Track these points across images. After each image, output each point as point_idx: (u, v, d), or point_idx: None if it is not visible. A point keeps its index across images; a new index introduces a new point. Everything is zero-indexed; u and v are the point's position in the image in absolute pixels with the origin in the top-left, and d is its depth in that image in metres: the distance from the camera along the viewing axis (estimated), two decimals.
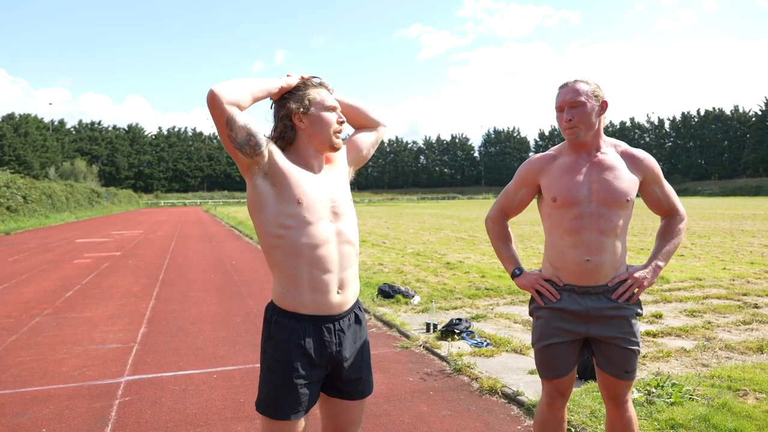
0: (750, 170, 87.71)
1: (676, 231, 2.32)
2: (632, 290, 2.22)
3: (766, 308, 6.31)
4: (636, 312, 2.26)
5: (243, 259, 12.17)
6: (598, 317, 2.22)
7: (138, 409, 3.74)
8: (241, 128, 1.79)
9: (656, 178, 2.28)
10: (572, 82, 2.23)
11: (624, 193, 2.18)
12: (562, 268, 2.26)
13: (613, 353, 2.24)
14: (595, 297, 2.22)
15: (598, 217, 2.17)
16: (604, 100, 2.22)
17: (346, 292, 1.95)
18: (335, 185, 1.98)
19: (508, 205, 2.46)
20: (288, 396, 1.85)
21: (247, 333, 5.68)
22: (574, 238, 2.20)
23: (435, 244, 14.39)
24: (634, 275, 2.23)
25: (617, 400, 2.30)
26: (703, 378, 3.99)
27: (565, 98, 2.20)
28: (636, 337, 2.25)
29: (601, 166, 2.21)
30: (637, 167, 2.24)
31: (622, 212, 2.19)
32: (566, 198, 2.21)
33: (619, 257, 2.23)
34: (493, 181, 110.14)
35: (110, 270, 10.77)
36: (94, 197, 48.75)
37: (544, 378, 2.36)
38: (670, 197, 2.32)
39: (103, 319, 6.42)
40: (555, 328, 2.27)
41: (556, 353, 2.28)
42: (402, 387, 4.07)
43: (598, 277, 2.21)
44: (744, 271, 8.95)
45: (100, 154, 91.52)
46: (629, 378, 2.26)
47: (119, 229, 23.98)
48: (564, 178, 2.24)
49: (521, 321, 5.87)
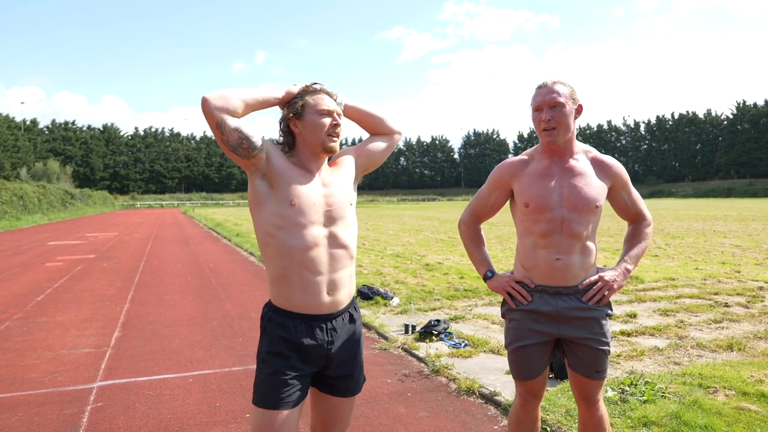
0: (722, 172, 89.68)
1: (643, 235, 2.37)
2: (602, 293, 2.25)
3: (736, 307, 6.45)
4: (606, 313, 2.29)
5: (221, 261, 12.05)
6: (568, 318, 2.24)
7: (110, 415, 3.67)
8: (232, 132, 1.87)
9: (624, 184, 2.32)
10: (551, 83, 2.22)
11: (593, 200, 2.21)
12: (534, 269, 2.28)
13: (584, 354, 2.27)
14: (566, 297, 2.25)
15: (569, 222, 2.21)
16: (579, 104, 2.24)
17: (338, 294, 2.01)
18: (334, 189, 2.03)
19: (481, 208, 2.47)
20: (278, 387, 1.91)
21: (224, 336, 5.62)
22: (546, 241, 2.23)
23: (414, 245, 14.43)
24: (604, 278, 2.26)
25: (589, 399, 2.33)
26: (675, 376, 4.05)
27: (544, 98, 2.19)
28: (606, 337, 2.28)
29: (572, 173, 2.24)
30: (606, 174, 2.28)
31: (592, 217, 2.23)
32: (538, 204, 2.23)
33: (589, 258, 2.27)
34: (472, 182, 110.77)
35: (84, 273, 10.58)
36: (68, 199, 47.80)
37: (517, 379, 2.39)
38: (637, 203, 2.37)
39: (76, 324, 6.30)
40: (527, 330, 2.29)
41: (529, 354, 2.30)
42: (380, 389, 4.06)
43: (568, 277, 2.24)
44: (715, 271, 9.14)
45: (74, 155, 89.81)
46: (600, 378, 2.30)
47: (94, 231, 23.57)
48: (536, 184, 2.26)
49: (499, 322, 5.90)
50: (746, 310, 6.27)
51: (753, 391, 3.66)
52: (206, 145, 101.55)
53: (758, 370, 4.08)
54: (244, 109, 1.90)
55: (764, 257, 10.81)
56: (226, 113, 1.86)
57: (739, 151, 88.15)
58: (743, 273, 8.85)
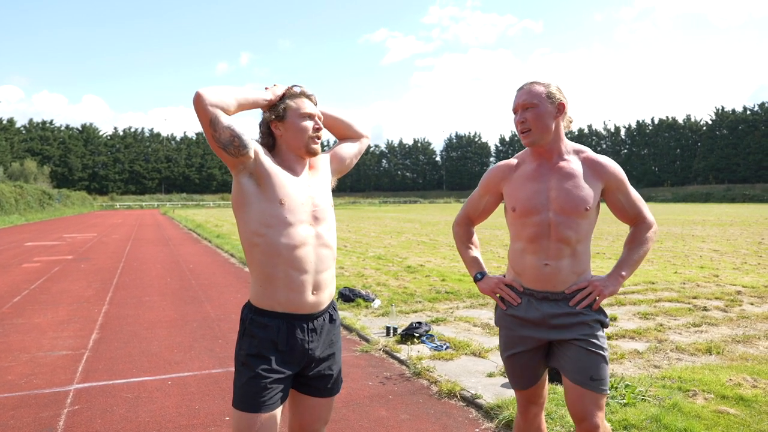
0: (701, 177, 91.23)
1: (642, 239, 2.23)
2: (591, 298, 2.16)
3: (714, 311, 6.54)
4: (598, 320, 2.18)
5: (201, 263, 11.93)
6: (555, 324, 2.16)
7: (88, 417, 3.60)
8: (224, 129, 1.85)
9: (620, 185, 2.20)
10: (528, 84, 2.18)
11: (582, 202, 2.12)
12: (523, 273, 2.23)
13: (576, 357, 2.12)
14: (553, 303, 2.17)
15: (557, 226, 2.13)
16: (560, 102, 2.16)
17: (321, 294, 2.02)
18: (317, 190, 2.05)
19: (473, 211, 2.46)
20: (259, 390, 1.90)
21: (204, 338, 5.55)
22: (534, 245, 2.18)
23: (396, 247, 14.42)
24: (594, 282, 2.17)
25: (585, 422, 2.07)
26: (655, 379, 4.09)
27: (519, 100, 2.17)
28: (599, 340, 2.14)
29: (560, 174, 2.16)
30: (599, 174, 2.17)
31: (582, 221, 2.14)
32: (525, 207, 2.19)
33: (580, 264, 2.18)
34: (454, 185, 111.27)
35: (61, 274, 10.40)
36: (46, 199, 47.01)
37: (514, 388, 2.32)
38: (636, 205, 2.23)
39: (53, 325, 6.18)
40: (517, 337, 2.24)
41: (522, 362, 2.24)
42: (361, 391, 4.04)
43: (556, 282, 2.16)
44: (694, 275, 9.27)
45: (51, 155, 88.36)
46: (594, 387, 2.07)
47: (72, 232, 23.20)
48: (523, 187, 2.21)
49: (480, 324, 5.92)
50: (724, 314, 6.36)
51: (731, 395, 3.70)
52: (186, 145, 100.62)
53: (736, 374, 4.13)
54: (236, 107, 1.91)
55: (741, 262, 11.00)
56: (220, 110, 1.85)
57: (717, 156, 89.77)
58: (721, 277, 8.99)
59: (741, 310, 6.54)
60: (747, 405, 3.54)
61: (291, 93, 2.04)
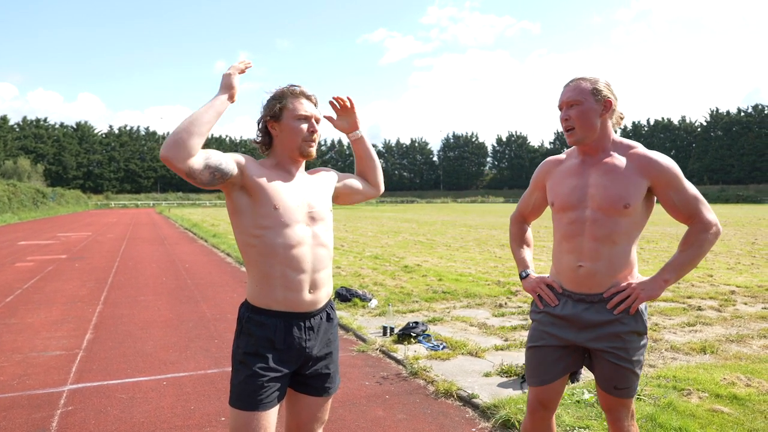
0: (695, 178, 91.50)
1: (694, 241, 2.08)
2: (629, 302, 2.06)
3: (708, 311, 6.56)
4: (634, 331, 2.10)
5: (197, 262, 11.90)
6: (587, 326, 2.12)
7: (81, 418, 3.58)
8: (201, 173, 1.80)
9: (670, 181, 2.04)
10: (574, 81, 2.11)
11: (620, 199, 2.01)
12: (560, 274, 2.21)
13: (602, 366, 2.13)
14: (589, 305, 2.12)
15: (593, 223, 2.06)
16: (607, 99, 2.08)
17: (319, 292, 2.02)
18: (314, 193, 2.06)
19: (525, 207, 2.46)
20: (256, 388, 1.90)
21: (200, 338, 5.53)
22: (570, 244, 2.13)
23: (393, 247, 14.42)
24: (632, 285, 2.08)
25: (610, 415, 2.21)
26: (650, 378, 4.10)
27: (564, 97, 2.11)
28: (628, 354, 2.08)
29: (602, 170, 2.08)
30: (645, 171, 2.04)
31: (621, 219, 2.04)
32: (562, 202, 2.15)
33: (619, 266, 2.08)
34: (451, 185, 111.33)
35: (55, 273, 10.35)
36: (40, 198, 46.80)
37: (529, 384, 2.28)
38: (690, 203, 2.07)
39: (46, 325, 6.14)
40: (544, 332, 2.22)
41: (543, 356, 2.21)
42: (358, 391, 4.03)
43: (591, 284, 2.10)
44: (689, 275, 9.30)
45: (45, 153, 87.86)
46: (619, 395, 2.13)
47: (66, 231, 23.09)
48: (564, 182, 2.17)
49: (477, 324, 5.92)
50: (718, 314, 6.39)
51: (726, 394, 3.71)
52: None
53: (730, 373, 4.15)
54: (201, 136, 1.78)
55: (735, 262, 11.05)
56: (189, 158, 1.74)
57: (711, 157, 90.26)
58: (715, 277, 9.02)
59: (735, 310, 6.57)
60: (741, 404, 3.55)
61: (289, 92, 2.02)
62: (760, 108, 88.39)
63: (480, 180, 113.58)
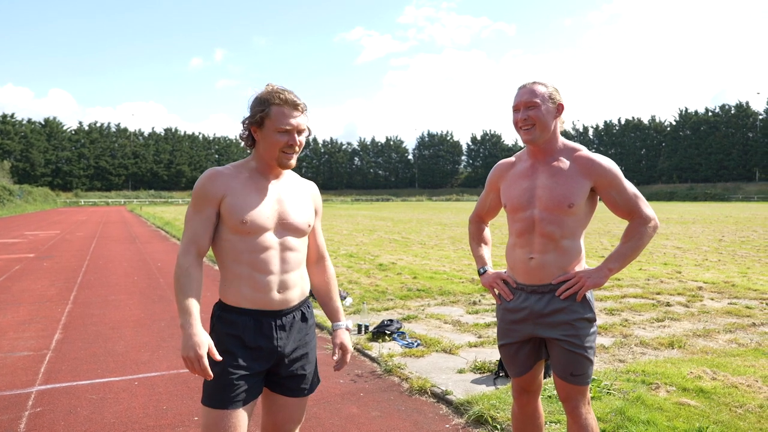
0: (665, 177, 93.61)
1: (635, 234, 2.25)
2: (575, 288, 2.20)
3: (677, 306, 6.72)
4: (585, 318, 2.23)
5: (169, 261, 11.73)
6: (541, 316, 2.25)
7: (50, 420, 3.51)
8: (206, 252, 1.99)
9: (612, 182, 2.20)
10: (530, 84, 2.26)
11: (565, 199, 2.17)
12: (514, 268, 2.35)
13: (558, 354, 2.25)
14: (540, 296, 2.26)
15: (541, 221, 2.22)
16: (560, 103, 2.25)
17: (289, 292, 2.01)
18: (288, 203, 2.02)
19: (481, 209, 2.62)
20: (226, 386, 1.89)
21: (172, 338, 5.46)
22: (522, 239, 2.29)
23: (368, 245, 14.42)
24: (579, 274, 2.22)
25: (568, 404, 2.27)
26: (619, 373, 4.19)
27: (521, 99, 2.24)
28: (581, 341, 2.21)
29: (549, 172, 2.24)
30: (588, 172, 2.20)
31: (566, 217, 2.20)
32: (513, 204, 2.30)
33: (567, 259, 2.23)
34: (426, 183, 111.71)
35: (22, 273, 10.10)
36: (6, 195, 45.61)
37: (509, 375, 2.47)
38: (630, 201, 2.23)
39: (13, 326, 6.00)
40: (507, 329, 2.37)
41: (512, 352, 2.38)
42: (332, 389, 4.03)
43: (542, 275, 2.25)
44: (658, 271, 9.50)
45: (12, 149, 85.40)
46: (576, 382, 2.23)
47: (34, 229, 22.55)
48: (515, 185, 2.32)
49: (451, 321, 5.96)
50: (686, 309, 6.55)
51: (692, 387, 3.81)
52: (155, 141, 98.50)
53: (697, 367, 4.26)
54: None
55: (703, 258, 11.32)
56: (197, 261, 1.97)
57: (680, 156, 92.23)
58: (684, 273, 9.24)
59: (702, 306, 6.73)
60: (707, 397, 3.65)
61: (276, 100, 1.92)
62: (726, 108, 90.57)
63: (455, 178, 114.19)
